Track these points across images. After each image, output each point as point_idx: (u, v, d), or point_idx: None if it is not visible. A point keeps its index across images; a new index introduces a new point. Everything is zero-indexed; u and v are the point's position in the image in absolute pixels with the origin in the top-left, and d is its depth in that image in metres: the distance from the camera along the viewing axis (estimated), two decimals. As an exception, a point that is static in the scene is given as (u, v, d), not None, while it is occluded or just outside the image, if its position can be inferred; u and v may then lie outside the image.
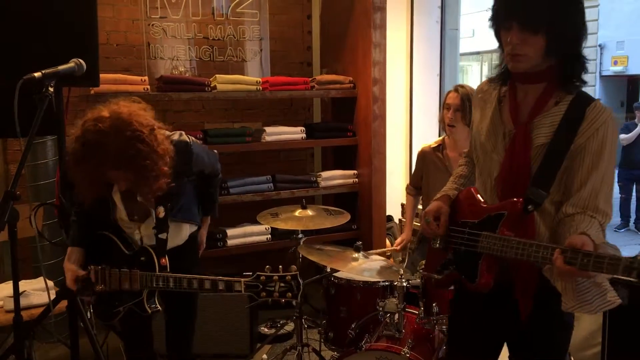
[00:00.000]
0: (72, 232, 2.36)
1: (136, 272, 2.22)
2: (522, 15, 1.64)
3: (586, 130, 1.65)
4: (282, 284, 2.05)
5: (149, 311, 2.25)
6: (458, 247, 1.84)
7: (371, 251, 3.50)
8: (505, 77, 1.82)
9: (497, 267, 1.75)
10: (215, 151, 2.59)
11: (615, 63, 13.73)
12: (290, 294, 2.05)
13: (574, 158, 1.66)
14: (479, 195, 1.86)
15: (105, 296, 2.29)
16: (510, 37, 1.67)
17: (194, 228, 2.47)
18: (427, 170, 3.46)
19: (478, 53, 16.39)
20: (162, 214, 2.26)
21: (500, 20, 1.71)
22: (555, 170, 1.68)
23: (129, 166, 2.05)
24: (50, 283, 3.14)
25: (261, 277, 2.06)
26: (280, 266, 2.09)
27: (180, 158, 2.21)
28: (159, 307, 2.29)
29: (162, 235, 2.27)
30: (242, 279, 2.07)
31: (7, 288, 3.00)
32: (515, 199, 1.70)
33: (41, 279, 3.20)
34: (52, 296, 2.78)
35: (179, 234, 2.39)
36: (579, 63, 1.71)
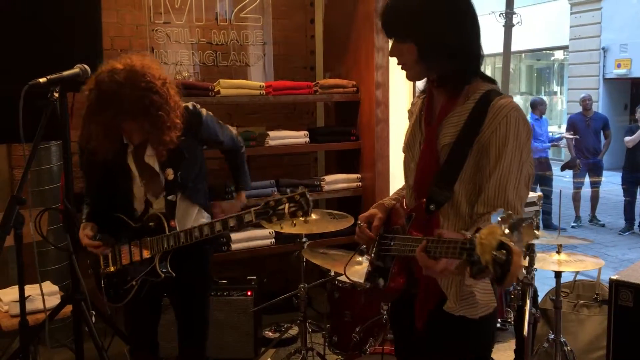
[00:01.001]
0: (85, 211, 2.44)
1: (146, 239, 2.27)
2: (388, 29, 1.71)
3: (488, 127, 1.60)
4: (291, 205, 2.07)
5: (162, 275, 2.28)
6: (383, 253, 1.78)
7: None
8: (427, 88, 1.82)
9: (406, 270, 1.71)
10: (232, 127, 2.70)
11: (619, 66, 13.69)
12: (300, 212, 2.07)
13: (481, 157, 1.62)
14: (404, 202, 1.86)
15: (116, 275, 2.33)
16: (390, 52, 1.73)
17: (203, 218, 2.43)
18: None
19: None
20: (170, 176, 2.30)
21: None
22: (458, 168, 1.63)
23: (143, 116, 2.13)
24: (55, 288, 3.16)
25: (270, 203, 2.10)
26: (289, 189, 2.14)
27: (189, 123, 2.29)
28: (171, 272, 2.30)
29: (171, 197, 2.31)
30: (252, 209, 2.12)
31: (12, 293, 3.01)
32: (420, 200, 1.67)
33: (47, 283, 3.21)
34: (57, 301, 2.78)
35: (188, 214, 2.39)
36: (464, 62, 1.66)
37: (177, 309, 2.50)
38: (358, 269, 2.81)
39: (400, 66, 1.73)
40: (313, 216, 3.14)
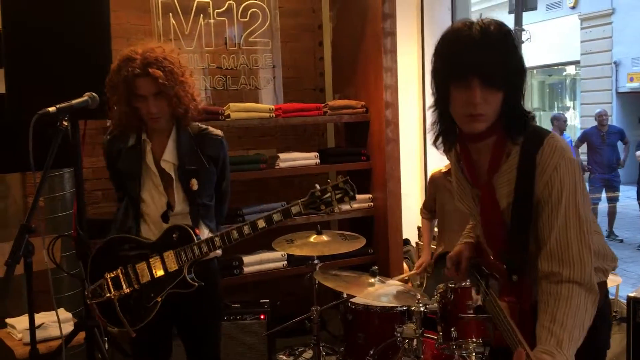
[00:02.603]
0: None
1: (169, 253, 2.25)
2: (485, 71, 1.48)
3: (540, 179, 1.52)
4: (337, 192, 2.17)
5: (194, 285, 2.27)
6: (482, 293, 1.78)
7: (392, 279, 3.47)
8: (450, 139, 1.67)
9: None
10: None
11: (632, 79, 13.60)
12: (347, 198, 2.19)
13: (537, 210, 1.55)
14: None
15: (132, 297, 2.30)
16: (472, 97, 1.50)
17: (219, 247, 2.39)
18: (439, 195, 3.45)
19: (491, 74, 16.37)
20: (195, 187, 2.32)
21: (454, 77, 1.53)
22: (526, 230, 1.57)
23: (163, 70, 2.19)
24: (69, 314, 3.17)
25: (316, 193, 2.19)
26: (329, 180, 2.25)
27: (210, 141, 2.38)
28: (200, 282, 2.30)
29: (193, 207, 2.33)
30: (299, 200, 2.20)
31: (26, 321, 3.01)
32: (501, 266, 1.62)
33: (60, 310, 3.22)
34: (71, 328, 2.78)
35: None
36: (523, 114, 1.57)
37: (188, 342, 2.48)
38: (370, 291, 2.79)
39: (473, 116, 1.53)
40: (324, 237, 3.13)
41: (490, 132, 1.57)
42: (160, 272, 2.28)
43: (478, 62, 1.48)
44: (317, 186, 2.20)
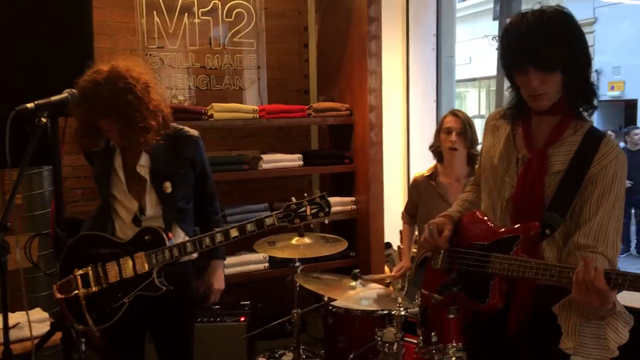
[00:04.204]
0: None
1: (140, 255, 2.24)
2: (537, 58, 1.66)
3: (600, 162, 1.68)
4: (312, 206, 2.18)
5: (162, 288, 2.25)
6: (465, 267, 1.83)
7: (369, 276, 3.47)
8: (518, 113, 1.85)
9: (507, 289, 1.75)
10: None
11: (612, 88, 13.80)
12: (322, 213, 2.20)
13: (585, 188, 1.69)
14: (486, 218, 1.87)
15: (99, 296, 2.27)
16: (529, 81, 1.69)
17: (189, 253, 2.34)
18: (422, 199, 3.45)
19: (475, 79, 16.51)
20: (169, 190, 2.30)
21: (514, 64, 1.73)
22: (572, 197, 1.70)
23: (116, 115, 2.16)
24: (45, 314, 3.11)
25: (291, 206, 2.19)
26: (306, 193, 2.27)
27: (185, 142, 2.36)
28: (169, 285, 2.27)
29: (167, 210, 2.31)
30: (273, 213, 2.20)
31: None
32: (532, 223, 1.71)
33: (36, 310, 3.17)
34: (47, 328, 2.74)
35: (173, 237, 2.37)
36: (590, 91, 1.74)
37: (159, 347, 2.45)
38: (352, 294, 2.78)
39: (534, 96, 1.71)
40: (306, 240, 3.11)
41: (556, 109, 1.74)
42: (129, 273, 2.26)
43: (529, 49, 1.66)
44: (293, 199, 2.22)
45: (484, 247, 1.80)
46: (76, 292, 2.29)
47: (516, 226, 1.76)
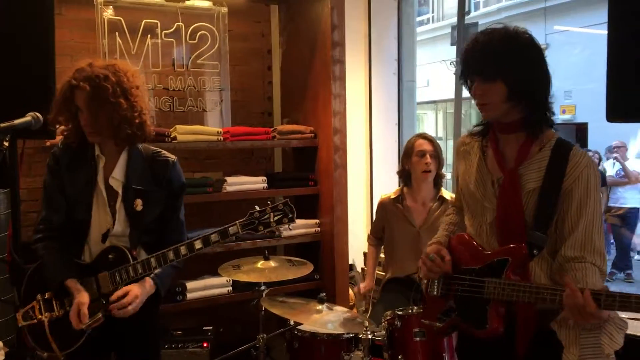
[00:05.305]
0: (51, 267, 2.25)
1: (104, 274, 2.20)
2: (479, 67, 1.77)
3: (572, 174, 1.74)
4: (276, 213, 2.18)
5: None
6: (460, 294, 1.84)
7: (338, 307, 3.46)
8: (485, 130, 1.92)
9: (504, 313, 1.77)
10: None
11: (564, 112, 14.28)
12: (286, 219, 2.20)
13: (562, 201, 1.75)
14: (474, 241, 1.89)
15: (63, 320, 2.21)
16: (474, 90, 1.80)
17: (154, 269, 2.27)
18: (388, 221, 3.49)
19: (433, 102, 16.86)
20: (139, 207, 2.25)
21: (466, 78, 1.84)
22: (552, 213, 1.76)
23: (93, 89, 2.13)
24: (0, 343, 2.99)
25: (255, 214, 2.21)
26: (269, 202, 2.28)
27: (161, 164, 2.33)
28: None
29: (137, 227, 2.27)
30: (237, 221, 2.20)
31: (-49, 350, 2.83)
32: (518, 245, 1.75)
33: (-11, 339, 3.04)
34: (2, 357, 2.63)
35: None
36: (544, 109, 1.81)
37: None
38: (317, 318, 2.77)
39: (479, 105, 1.81)
40: (271, 263, 3.09)
41: (516, 126, 1.81)
42: (93, 294, 2.20)
43: (474, 62, 1.78)
44: (257, 207, 2.22)
45: (476, 271, 1.82)
46: (40, 317, 2.23)
47: (503, 248, 1.78)
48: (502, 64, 1.73)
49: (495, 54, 1.74)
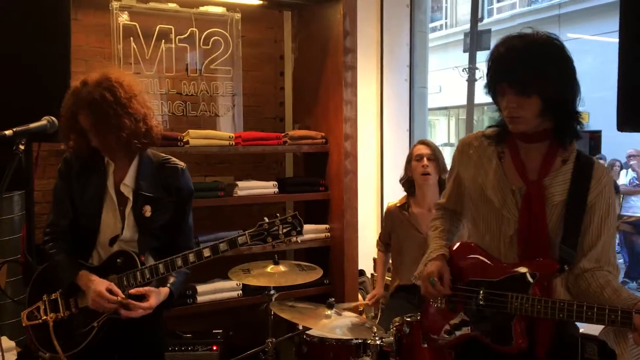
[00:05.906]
0: (62, 265, 2.27)
1: (113, 277, 2.22)
2: (514, 80, 1.70)
3: (595, 189, 1.74)
4: (285, 226, 2.20)
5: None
6: (472, 307, 1.80)
7: (343, 304, 3.47)
8: (502, 136, 1.86)
9: (526, 327, 1.74)
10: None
11: (577, 119, 14.21)
12: (294, 232, 2.21)
13: (585, 216, 1.75)
14: (484, 252, 1.84)
15: (68, 322, 2.23)
16: (506, 102, 1.74)
17: (162, 274, 2.28)
18: (394, 228, 3.50)
19: (445, 108, 16.84)
20: (148, 213, 2.27)
21: (494, 86, 1.78)
22: (578, 227, 1.74)
23: (92, 109, 2.15)
24: (12, 343, 3.03)
25: (264, 225, 2.21)
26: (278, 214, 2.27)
27: (170, 171, 2.34)
28: None
29: (146, 233, 2.29)
30: (246, 232, 2.21)
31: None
32: (550, 260, 1.73)
33: (3, 339, 3.07)
34: (14, 357, 2.67)
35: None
36: (575, 120, 1.79)
37: None
38: (326, 323, 2.78)
39: (510, 118, 1.74)
40: (281, 268, 3.11)
41: (541, 136, 1.76)
42: None
43: (508, 72, 1.70)
44: (266, 219, 2.23)
45: (493, 284, 1.76)
46: (45, 317, 2.26)
47: (531, 262, 1.73)
48: (541, 81, 1.68)
49: (535, 70, 1.68)
